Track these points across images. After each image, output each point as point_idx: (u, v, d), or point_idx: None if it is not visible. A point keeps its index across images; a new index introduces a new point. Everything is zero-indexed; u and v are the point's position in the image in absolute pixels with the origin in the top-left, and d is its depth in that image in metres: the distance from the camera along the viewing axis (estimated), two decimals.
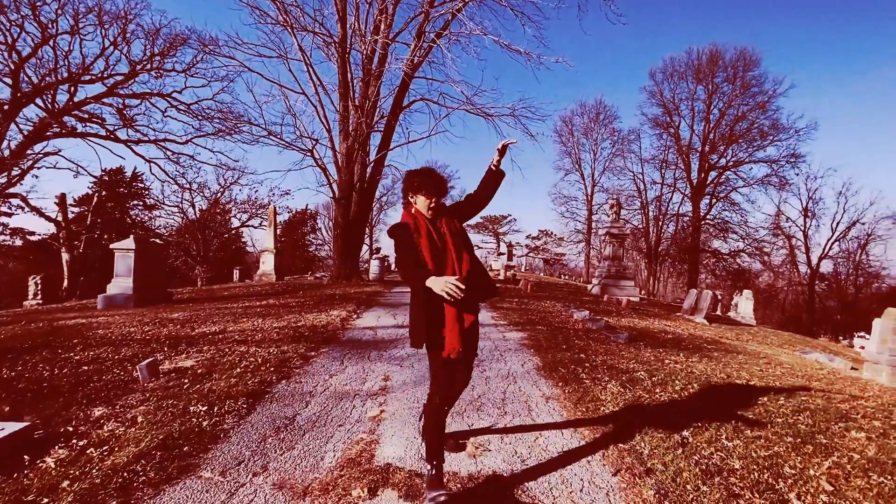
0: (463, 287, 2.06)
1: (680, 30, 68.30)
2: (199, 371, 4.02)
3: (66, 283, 22.56)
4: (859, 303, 35.15)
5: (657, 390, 4.29)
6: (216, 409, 3.11)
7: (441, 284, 2.04)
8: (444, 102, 14.28)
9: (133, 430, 2.75)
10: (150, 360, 3.98)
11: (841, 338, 29.09)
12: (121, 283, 9.39)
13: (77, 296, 19.50)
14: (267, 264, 17.57)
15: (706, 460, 2.80)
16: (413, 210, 2.33)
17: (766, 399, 4.45)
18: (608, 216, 20.37)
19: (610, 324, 8.63)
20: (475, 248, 2.50)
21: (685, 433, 3.23)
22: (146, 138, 20.93)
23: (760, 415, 3.94)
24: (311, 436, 2.81)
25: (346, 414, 3.19)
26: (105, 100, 20.59)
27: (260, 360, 4.38)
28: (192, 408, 3.11)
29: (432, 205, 2.27)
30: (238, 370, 4.02)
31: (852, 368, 8.60)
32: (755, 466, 2.79)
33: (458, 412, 3.30)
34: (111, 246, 9.55)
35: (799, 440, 3.36)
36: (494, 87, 19.15)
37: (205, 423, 2.86)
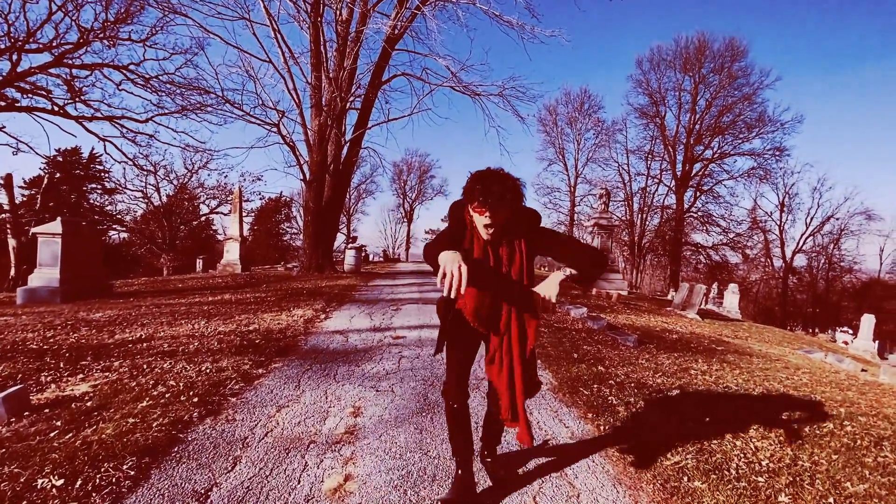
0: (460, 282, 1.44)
1: (671, 15, 67.35)
2: (90, 403, 2.83)
3: (13, 271, 20.64)
4: (829, 297, 35.89)
5: (706, 419, 3.36)
6: (80, 481, 1.95)
7: (452, 264, 1.46)
8: (428, 78, 13.07)
9: None
10: (15, 389, 2.77)
11: (816, 330, 29.48)
12: (45, 274, 7.93)
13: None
14: (231, 253, 16.04)
15: None
16: (469, 220, 1.80)
17: (831, 425, 3.60)
18: (595, 207, 19.60)
19: (611, 323, 7.81)
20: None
21: (783, 499, 2.28)
22: (100, 114, 18.87)
23: (839, 451, 3.06)
24: None
25: (291, 484, 2.09)
26: (52, 70, 18.39)
27: (183, 383, 3.21)
28: (39, 481, 1.95)
29: (488, 223, 1.69)
30: (145, 402, 2.85)
31: (862, 370, 8.04)
32: None
33: None
34: (33, 230, 8.04)
35: None
36: (484, 60, 18.08)
37: None
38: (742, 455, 2.74)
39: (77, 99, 18.78)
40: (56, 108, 18.83)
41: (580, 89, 42.89)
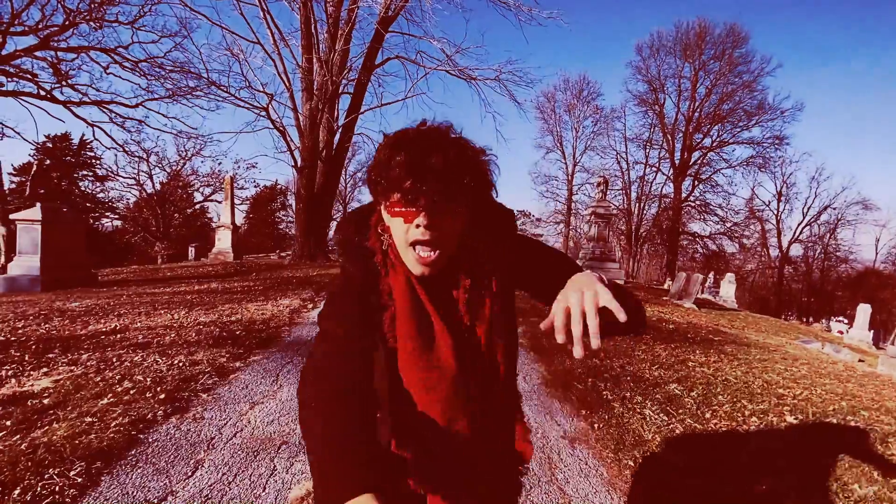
0: None
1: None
2: (47, 401, 2.64)
3: (2, 259, 20.39)
4: (824, 286, 35.98)
5: (707, 415, 3.21)
6: (18, 491, 1.77)
7: None
8: (422, 62, 12.71)
9: None
10: None
11: (811, 319, 29.60)
12: (25, 262, 7.70)
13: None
14: (223, 242, 15.77)
15: None
16: (383, 237, 0.81)
17: (834, 421, 3.46)
18: (593, 196, 19.39)
19: None
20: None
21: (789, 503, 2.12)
22: (88, 99, 18.36)
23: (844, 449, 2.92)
24: None
25: (256, 491, 1.91)
26: (38, 53, 17.84)
27: (151, 378, 3.01)
28: None
29: (423, 238, 0.73)
30: (107, 399, 2.66)
31: (860, 360, 7.96)
32: None
33: None
34: (12, 216, 7.80)
35: None
36: (480, 43, 17.49)
37: None
38: (745, 455, 2.58)
39: (64, 83, 18.20)
40: (43, 93, 18.24)
41: (579, 76, 42.38)
